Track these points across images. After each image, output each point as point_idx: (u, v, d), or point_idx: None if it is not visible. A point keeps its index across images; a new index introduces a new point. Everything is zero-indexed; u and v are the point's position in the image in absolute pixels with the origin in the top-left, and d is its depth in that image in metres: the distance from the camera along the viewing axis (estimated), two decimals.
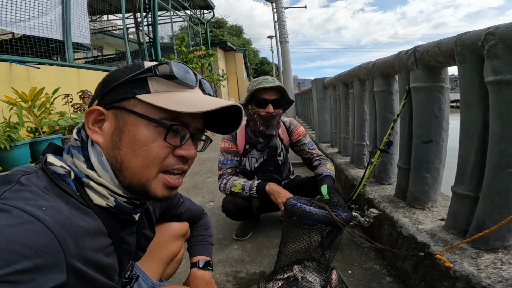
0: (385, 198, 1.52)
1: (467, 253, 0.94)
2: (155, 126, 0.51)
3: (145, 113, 0.50)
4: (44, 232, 0.38)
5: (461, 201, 1.06)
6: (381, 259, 1.40)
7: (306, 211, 1.05)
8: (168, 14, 9.04)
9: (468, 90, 1.02)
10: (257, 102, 1.58)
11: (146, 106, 0.51)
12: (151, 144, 0.50)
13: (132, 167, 0.51)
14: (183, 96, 0.53)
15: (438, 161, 1.30)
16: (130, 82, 0.52)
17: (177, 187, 0.56)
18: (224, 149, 1.71)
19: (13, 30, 3.60)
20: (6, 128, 2.80)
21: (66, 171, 0.50)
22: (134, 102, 0.51)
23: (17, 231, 0.36)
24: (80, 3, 4.57)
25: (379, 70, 1.68)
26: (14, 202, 0.39)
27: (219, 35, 23.69)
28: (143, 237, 0.72)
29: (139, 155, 0.50)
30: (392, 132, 1.43)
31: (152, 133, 0.51)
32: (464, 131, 1.05)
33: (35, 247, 0.36)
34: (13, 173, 0.45)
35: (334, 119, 3.04)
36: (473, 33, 0.96)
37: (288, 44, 3.87)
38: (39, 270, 0.36)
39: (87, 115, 0.53)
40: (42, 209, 0.40)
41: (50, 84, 3.73)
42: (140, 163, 0.51)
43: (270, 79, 1.59)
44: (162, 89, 0.52)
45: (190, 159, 0.56)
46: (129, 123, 0.51)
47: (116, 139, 0.51)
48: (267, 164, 1.72)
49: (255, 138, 1.69)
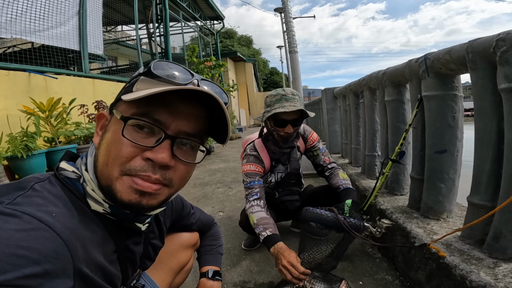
0: (397, 209, 1.49)
1: (484, 263, 0.92)
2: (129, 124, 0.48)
3: (122, 111, 0.49)
4: (54, 237, 0.39)
5: (477, 211, 1.03)
6: (393, 270, 1.36)
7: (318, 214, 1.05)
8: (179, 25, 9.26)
9: (481, 97, 1.00)
10: (275, 121, 1.49)
11: (126, 105, 0.50)
12: (117, 141, 0.48)
13: (100, 165, 0.49)
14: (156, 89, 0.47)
15: (453, 171, 1.27)
16: (127, 87, 0.53)
17: (149, 193, 0.49)
18: (248, 171, 1.59)
19: (32, 39, 3.72)
20: (23, 138, 2.88)
21: (77, 176, 0.51)
22: (119, 103, 0.52)
23: (26, 236, 0.37)
24: (95, 14, 4.72)
25: (389, 79, 1.67)
26: (24, 208, 0.39)
27: (229, 45, 24.05)
28: (151, 247, 0.72)
29: (106, 153, 0.48)
30: (404, 142, 1.41)
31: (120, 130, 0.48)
32: (478, 140, 1.03)
33: (44, 252, 0.37)
34: (27, 180, 0.46)
35: (344, 130, 3.02)
36: (484, 39, 0.95)
37: (297, 54, 3.90)
38: (48, 275, 0.36)
39: (97, 120, 0.55)
40: (52, 215, 0.41)
41: (66, 94, 3.84)
42: (105, 161, 0.48)
43: (290, 95, 1.46)
44: (143, 88, 0.49)
45: (160, 164, 0.48)
46: (112, 123, 0.51)
47: (101, 139, 0.52)
48: (289, 178, 1.68)
49: (279, 150, 1.62)
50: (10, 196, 0.41)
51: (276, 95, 1.48)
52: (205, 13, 11.24)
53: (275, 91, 1.51)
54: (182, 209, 0.90)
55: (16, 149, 2.71)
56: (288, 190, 1.68)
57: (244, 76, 18.75)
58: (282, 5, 4.08)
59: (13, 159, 2.78)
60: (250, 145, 1.67)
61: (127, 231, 0.58)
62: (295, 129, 1.51)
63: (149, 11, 7.04)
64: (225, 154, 6.13)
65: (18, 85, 3.48)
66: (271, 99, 1.50)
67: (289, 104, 1.43)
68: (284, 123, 1.47)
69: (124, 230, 0.57)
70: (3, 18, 3.29)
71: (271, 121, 1.50)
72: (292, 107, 1.41)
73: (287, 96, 1.46)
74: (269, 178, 1.71)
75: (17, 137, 2.85)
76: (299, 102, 1.47)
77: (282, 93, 1.47)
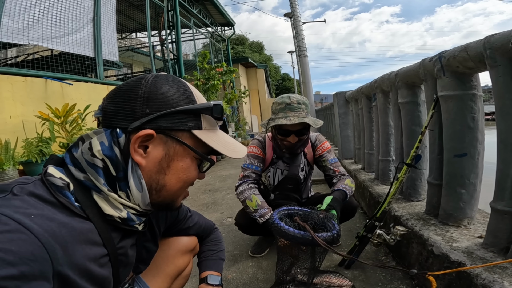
0: (413, 215, 1.41)
1: (509, 271, 0.86)
2: (197, 157, 0.57)
3: (194, 146, 0.56)
4: (31, 239, 0.38)
5: (501, 218, 0.96)
6: (408, 279, 1.28)
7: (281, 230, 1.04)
8: (191, 31, 9.41)
9: (503, 96, 0.94)
10: (278, 130, 1.47)
11: (194, 140, 0.56)
12: (192, 172, 0.58)
13: (173, 190, 0.57)
14: (221, 137, 0.61)
15: (474, 176, 1.19)
16: (185, 112, 0.54)
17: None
18: (251, 153, 1.61)
19: (48, 46, 3.83)
20: (38, 143, 2.96)
21: (65, 183, 0.49)
22: (187, 135, 0.55)
23: (2, 237, 0.36)
24: (109, 21, 4.83)
25: (402, 80, 1.61)
26: (2, 210, 0.39)
27: (240, 51, 24.27)
28: (144, 250, 0.72)
29: (181, 180, 0.57)
30: (420, 146, 1.35)
31: (194, 163, 0.58)
32: (501, 142, 0.97)
33: (20, 254, 0.36)
34: (10, 183, 0.46)
35: (357, 134, 2.95)
36: (501, 34, 0.90)
37: (307, 58, 3.86)
38: (24, 278, 0.36)
39: (139, 138, 0.51)
40: (30, 217, 0.40)
41: (82, 101, 3.93)
42: (180, 186, 0.57)
43: (295, 104, 1.42)
44: (208, 127, 0.58)
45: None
46: (180, 153, 0.55)
47: (164, 165, 0.54)
48: (287, 182, 1.63)
49: (279, 151, 1.61)
50: None
51: (280, 103, 1.45)
52: (216, 20, 11.39)
53: (280, 98, 1.48)
54: (178, 212, 0.88)
55: (31, 154, 2.78)
56: (285, 194, 1.63)
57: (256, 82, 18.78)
58: (291, 9, 4.07)
59: (27, 164, 2.84)
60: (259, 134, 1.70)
61: (121, 232, 0.57)
62: (300, 139, 1.48)
63: (161, 18, 7.18)
64: (236, 160, 6.11)
65: (35, 91, 3.59)
66: (276, 106, 1.47)
67: (293, 114, 1.40)
68: (288, 133, 1.45)
69: (118, 232, 0.56)
70: (20, 24, 3.41)
71: (275, 129, 1.48)
72: (295, 118, 1.38)
73: (292, 105, 1.42)
74: (268, 173, 1.67)
75: (32, 142, 2.92)
76: (304, 111, 1.44)
77: (287, 101, 1.43)
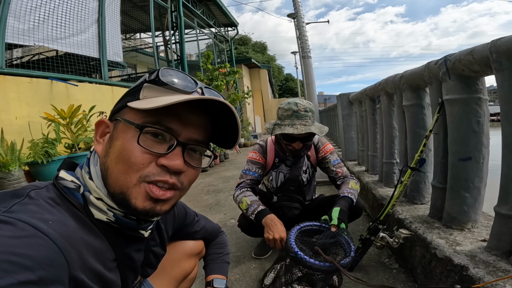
0: (417, 218, 1.41)
1: None
2: (137, 131, 0.49)
3: (130, 119, 0.50)
4: (48, 245, 0.39)
5: (505, 222, 0.96)
6: (411, 281, 1.28)
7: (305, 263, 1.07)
8: (194, 32, 9.43)
9: (508, 101, 0.94)
10: (284, 136, 1.47)
11: (134, 113, 0.51)
12: (131, 149, 0.48)
13: (114, 173, 0.49)
14: (169, 98, 0.49)
15: (478, 180, 1.19)
16: (130, 94, 0.54)
17: (163, 200, 0.51)
18: (251, 159, 1.64)
19: (54, 47, 3.85)
20: (44, 144, 2.98)
21: (76, 185, 0.50)
22: (126, 111, 0.52)
23: (20, 243, 0.36)
24: (114, 22, 4.84)
25: (407, 83, 1.61)
26: (19, 215, 0.39)
27: (244, 52, 24.28)
28: (152, 254, 0.72)
29: (120, 161, 0.49)
30: (424, 149, 1.34)
31: (134, 138, 0.48)
32: (506, 147, 0.96)
33: (38, 259, 0.36)
34: (25, 188, 0.47)
35: (361, 136, 2.94)
36: (508, 38, 0.89)
37: (310, 59, 3.85)
38: (42, 283, 0.36)
39: (96, 127, 0.55)
40: (48, 223, 0.41)
41: (86, 101, 3.95)
42: (121, 169, 0.49)
43: (302, 111, 1.41)
44: (150, 95, 0.51)
45: (174, 171, 0.50)
46: (119, 130, 0.51)
47: (108, 147, 0.51)
48: (289, 184, 1.64)
49: (283, 154, 1.62)
50: (6, 203, 0.42)
51: (287, 110, 1.44)
52: (219, 20, 11.41)
53: (287, 104, 1.47)
54: (185, 217, 0.89)
55: (36, 155, 2.80)
56: (287, 196, 1.64)
57: (259, 82, 18.79)
58: (294, 10, 4.06)
59: (33, 165, 2.87)
60: (262, 138, 1.71)
61: (128, 238, 0.57)
62: (305, 144, 1.48)
63: (165, 18, 7.21)
64: (239, 161, 6.11)
65: (41, 92, 3.61)
66: (282, 112, 1.47)
67: (299, 122, 1.40)
68: (293, 140, 1.45)
69: (125, 238, 0.56)
70: (25, 25, 3.44)
71: (280, 134, 1.48)
72: (302, 127, 1.38)
73: (299, 113, 1.42)
74: (270, 177, 1.68)
75: (38, 143, 2.95)
76: (311, 119, 1.44)
77: (294, 108, 1.43)
